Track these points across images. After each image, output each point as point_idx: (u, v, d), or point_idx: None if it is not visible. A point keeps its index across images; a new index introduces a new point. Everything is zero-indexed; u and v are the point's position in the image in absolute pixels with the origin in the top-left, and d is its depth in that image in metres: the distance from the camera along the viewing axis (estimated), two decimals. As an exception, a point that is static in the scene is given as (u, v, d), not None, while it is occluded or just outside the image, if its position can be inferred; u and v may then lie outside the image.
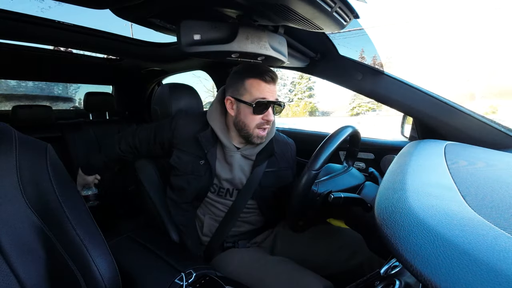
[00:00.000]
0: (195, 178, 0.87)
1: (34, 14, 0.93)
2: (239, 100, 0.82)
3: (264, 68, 0.82)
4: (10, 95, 2.71)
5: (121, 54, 1.52)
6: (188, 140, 0.88)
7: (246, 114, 0.82)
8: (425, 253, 0.28)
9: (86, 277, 0.54)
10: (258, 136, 0.84)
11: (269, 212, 0.96)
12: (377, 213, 0.40)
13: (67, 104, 3.21)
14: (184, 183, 0.88)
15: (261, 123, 0.83)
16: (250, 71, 0.81)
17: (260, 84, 0.80)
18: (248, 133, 0.84)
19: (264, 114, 0.82)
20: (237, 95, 0.83)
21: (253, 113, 0.81)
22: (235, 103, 0.84)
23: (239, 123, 0.84)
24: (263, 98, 0.80)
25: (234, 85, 0.84)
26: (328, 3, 0.54)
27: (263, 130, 0.85)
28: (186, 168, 0.88)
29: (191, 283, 0.67)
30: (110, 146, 1.03)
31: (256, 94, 0.80)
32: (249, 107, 0.81)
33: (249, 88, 0.81)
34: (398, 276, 0.46)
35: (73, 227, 0.54)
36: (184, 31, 0.61)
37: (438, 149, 0.65)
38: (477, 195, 0.38)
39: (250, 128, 0.83)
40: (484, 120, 0.85)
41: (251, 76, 0.81)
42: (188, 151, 0.88)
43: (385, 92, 0.96)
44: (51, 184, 0.54)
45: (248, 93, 0.81)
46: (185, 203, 0.91)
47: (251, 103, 0.80)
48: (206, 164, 0.87)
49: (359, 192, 0.76)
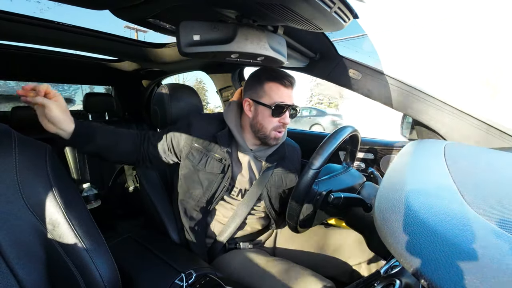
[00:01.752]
0: (214, 176, 0.87)
1: (33, 15, 0.93)
2: (258, 102, 0.84)
3: (284, 73, 0.85)
4: (9, 96, 2.71)
5: (121, 55, 1.51)
6: (205, 139, 0.89)
7: (264, 116, 0.84)
8: (425, 252, 0.28)
9: (86, 277, 0.54)
10: (275, 137, 0.87)
11: (275, 214, 0.96)
12: (377, 213, 0.40)
13: (68, 105, 3.22)
14: (203, 181, 0.87)
15: (278, 126, 0.85)
16: (270, 75, 0.84)
17: (279, 88, 0.83)
18: (265, 135, 0.86)
19: (281, 117, 0.84)
20: (256, 97, 0.85)
21: (272, 115, 0.83)
22: (253, 105, 0.86)
23: (257, 124, 0.86)
24: (282, 101, 0.83)
25: (253, 87, 0.86)
26: (327, 3, 0.54)
27: (279, 132, 0.87)
28: (205, 166, 0.87)
29: (191, 284, 0.67)
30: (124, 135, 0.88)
31: (275, 98, 0.83)
32: (268, 109, 0.83)
33: (268, 91, 0.83)
34: (398, 276, 0.46)
35: (73, 227, 0.54)
36: (184, 31, 0.61)
37: (437, 149, 0.65)
38: (477, 195, 0.38)
39: (267, 129, 0.85)
40: (484, 120, 0.85)
41: (271, 80, 0.83)
42: (206, 150, 0.88)
43: (384, 92, 0.96)
44: (50, 185, 0.54)
45: (267, 96, 0.83)
46: (198, 206, 0.89)
47: (270, 105, 0.82)
48: (224, 163, 0.88)
49: (359, 192, 0.76)
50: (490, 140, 0.83)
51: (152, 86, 1.97)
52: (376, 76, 0.96)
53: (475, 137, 0.85)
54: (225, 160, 0.87)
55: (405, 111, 0.96)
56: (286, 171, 0.96)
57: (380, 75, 0.95)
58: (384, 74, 0.95)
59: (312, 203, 0.71)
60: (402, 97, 0.93)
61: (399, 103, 0.95)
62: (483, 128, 0.84)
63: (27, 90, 0.64)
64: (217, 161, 0.87)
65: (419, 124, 0.98)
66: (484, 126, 0.84)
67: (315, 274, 0.74)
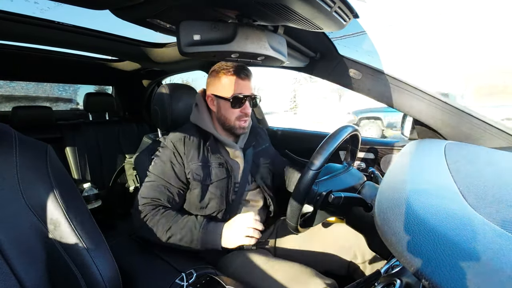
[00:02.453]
0: (221, 182, 0.88)
1: (33, 15, 0.93)
2: (218, 96, 0.89)
3: (239, 66, 0.89)
4: (10, 96, 2.71)
5: (121, 55, 1.52)
6: (198, 155, 0.89)
7: (226, 109, 0.90)
8: (426, 252, 0.28)
9: (86, 277, 0.54)
10: (240, 127, 0.92)
11: (270, 191, 1.01)
12: (378, 212, 0.40)
13: (67, 104, 3.22)
14: (214, 192, 0.87)
15: (240, 116, 0.90)
16: (226, 70, 0.88)
17: (236, 80, 0.88)
18: (231, 125, 0.91)
19: (242, 107, 0.89)
20: (216, 92, 0.90)
21: (232, 107, 0.88)
22: (215, 100, 0.91)
23: (221, 117, 0.91)
24: (239, 93, 0.87)
25: (213, 83, 0.91)
26: (328, 3, 0.54)
27: (244, 122, 0.91)
28: (210, 177, 0.88)
29: (192, 283, 0.67)
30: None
31: (233, 90, 0.87)
32: (228, 102, 0.88)
33: (226, 85, 0.88)
34: (398, 276, 0.46)
35: (74, 227, 0.54)
36: (184, 31, 0.60)
37: (438, 148, 0.65)
38: (477, 194, 0.38)
39: (231, 121, 0.90)
40: (484, 120, 0.85)
41: (227, 73, 0.88)
42: (204, 163, 0.88)
43: (384, 91, 0.96)
44: (51, 184, 0.54)
45: (225, 89, 0.88)
46: (209, 216, 0.88)
47: (229, 98, 0.87)
48: (224, 166, 0.90)
49: (359, 192, 0.76)
50: (490, 139, 0.83)
51: (152, 86, 1.97)
52: (376, 76, 0.96)
53: (475, 137, 0.85)
54: (222, 164, 0.90)
55: (405, 110, 0.96)
56: (264, 147, 1.07)
57: (381, 74, 0.95)
58: (384, 73, 0.95)
59: (313, 203, 0.71)
60: (403, 96, 0.93)
61: (399, 102, 0.95)
62: (484, 128, 0.84)
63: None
64: (217, 168, 0.89)
65: (419, 123, 0.98)
66: (485, 126, 0.84)
67: (317, 273, 0.74)
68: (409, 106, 0.93)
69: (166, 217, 0.81)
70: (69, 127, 1.72)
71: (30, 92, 2.98)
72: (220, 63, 0.91)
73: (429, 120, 0.91)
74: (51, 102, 3.14)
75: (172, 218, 0.81)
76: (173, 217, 0.81)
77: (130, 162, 1.46)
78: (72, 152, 1.66)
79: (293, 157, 1.42)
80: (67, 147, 1.66)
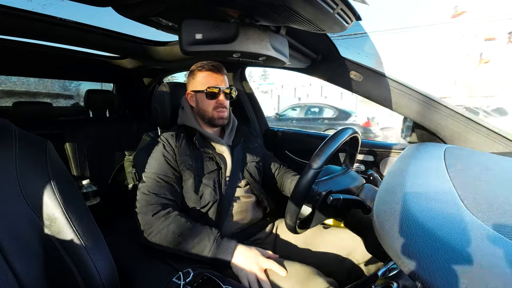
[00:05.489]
0: (212, 173, 0.93)
1: (35, 10, 0.93)
2: (196, 91, 0.98)
3: (212, 62, 0.98)
4: (11, 91, 2.71)
5: (122, 52, 1.52)
6: (186, 146, 0.94)
7: (202, 101, 0.97)
8: (423, 256, 0.28)
9: (84, 275, 0.54)
10: (219, 117, 0.97)
11: (259, 187, 1.05)
12: (376, 215, 0.40)
13: (67, 101, 3.22)
14: (206, 183, 0.91)
15: (216, 106, 0.96)
16: (201, 67, 0.97)
17: (209, 74, 0.97)
18: (209, 117, 0.97)
19: (217, 98, 0.96)
20: (194, 88, 0.98)
21: (207, 98, 0.95)
22: (194, 95, 0.99)
23: (200, 110, 0.98)
24: (213, 85, 0.95)
25: (191, 81, 1.00)
26: (330, 5, 0.54)
27: (221, 112, 0.97)
28: (202, 169, 0.92)
29: (189, 282, 0.67)
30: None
31: (207, 83, 0.96)
32: (203, 94, 0.96)
33: (201, 80, 0.97)
34: (396, 279, 0.46)
35: (71, 223, 0.54)
36: (186, 30, 0.61)
37: (437, 152, 0.65)
38: (476, 199, 0.38)
39: (209, 112, 0.97)
40: (483, 124, 0.85)
41: (201, 70, 0.97)
42: (192, 154, 0.93)
43: (385, 94, 0.96)
44: (50, 180, 0.54)
45: (201, 84, 0.97)
46: (205, 208, 0.90)
47: (203, 90, 0.95)
48: (213, 159, 0.95)
49: (358, 194, 0.76)
50: (490, 144, 0.84)
51: (153, 84, 1.97)
52: (377, 78, 0.96)
53: (475, 141, 0.85)
54: (212, 156, 0.95)
55: (405, 113, 0.96)
56: (252, 146, 1.10)
57: (382, 77, 0.95)
58: (385, 76, 0.95)
59: (311, 203, 0.71)
60: (403, 99, 0.93)
61: (399, 105, 0.95)
62: (484, 133, 0.84)
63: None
64: (207, 162, 0.94)
65: (419, 127, 0.98)
66: (485, 131, 0.84)
67: (318, 272, 0.74)
68: (410, 109, 0.93)
69: (177, 222, 0.80)
70: (69, 123, 1.72)
71: (31, 87, 2.98)
72: (196, 63, 0.99)
73: (429, 124, 0.91)
74: (51, 98, 3.14)
75: (184, 223, 0.80)
76: (185, 223, 0.80)
77: (129, 160, 1.45)
78: (72, 149, 1.66)
79: (292, 158, 1.42)
80: (66, 144, 1.66)
